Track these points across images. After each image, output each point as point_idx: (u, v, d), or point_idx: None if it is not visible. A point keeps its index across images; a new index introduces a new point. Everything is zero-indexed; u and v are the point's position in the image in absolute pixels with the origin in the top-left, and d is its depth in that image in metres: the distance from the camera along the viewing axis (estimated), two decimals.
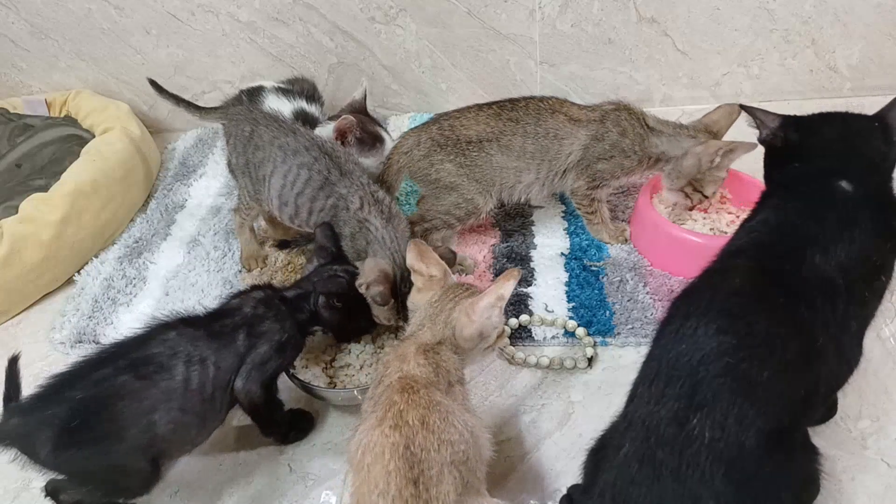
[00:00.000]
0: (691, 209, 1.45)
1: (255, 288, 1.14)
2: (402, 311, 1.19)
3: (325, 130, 1.49)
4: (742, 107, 1.09)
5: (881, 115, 0.97)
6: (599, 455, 0.88)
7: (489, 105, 1.44)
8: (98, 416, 0.93)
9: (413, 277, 1.03)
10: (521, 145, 1.39)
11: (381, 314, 1.20)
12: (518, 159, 1.39)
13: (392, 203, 1.30)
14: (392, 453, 0.77)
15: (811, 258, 0.84)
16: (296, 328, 1.10)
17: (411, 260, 1.03)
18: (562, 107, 1.41)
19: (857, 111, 1.82)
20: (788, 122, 1.02)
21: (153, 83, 1.63)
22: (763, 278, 0.84)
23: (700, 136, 1.37)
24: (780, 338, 0.79)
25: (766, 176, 1.06)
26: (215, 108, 1.64)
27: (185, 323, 1.05)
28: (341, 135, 1.47)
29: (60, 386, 0.95)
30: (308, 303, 1.14)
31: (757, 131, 1.06)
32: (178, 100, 1.62)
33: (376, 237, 1.24)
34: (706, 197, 1.39)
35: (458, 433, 0.81)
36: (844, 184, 0.91)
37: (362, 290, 1.16)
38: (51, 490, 1.01)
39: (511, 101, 1.43)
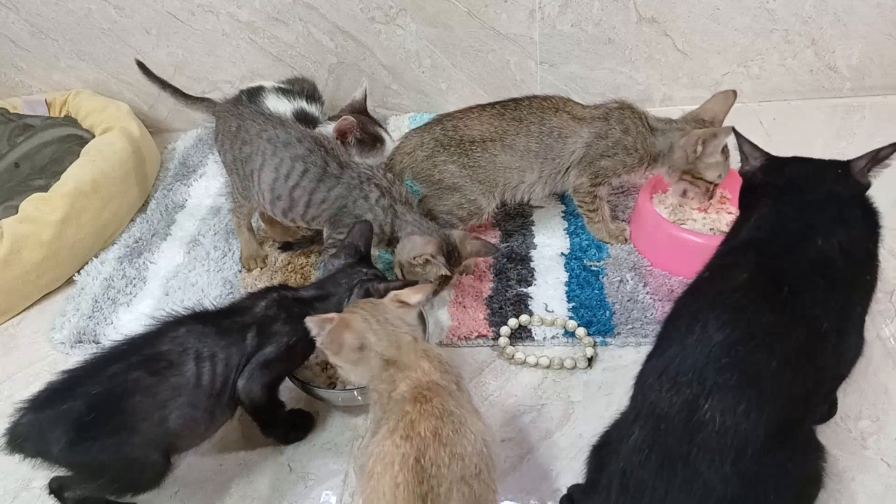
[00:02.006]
0: (711, 198, 1.43)
1: (270, 289, 1.13)
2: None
3: (326, 130, 1.49)
4: (735, 132, 1.12)
5: (847, 164, 1.00)
6: (603, 451, 0.89)
7: (492, 105, 1.44)
8: (112, 410, 0.93)
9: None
10: (526, 144, 1.39)
11: (414, 272, 1.30)
12: (522, 158, 1.40)
13: (401, 187, 1.36)
14: (402, 465, 0.76)
15: (813, 247, 0.87)
16: (307, 331, 1.10)
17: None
18: (565, 105, 1.42)
19: (856, 111, 1.84)
20: (769, 163, 1.06)
21: (140, 65, 1.61)
22: (768, 270, 0.86)
23: (688, 127, 1.38)
24: (787, 327, 0.80)
25: (740, 202, 1.09)
26: (201, 99, 1.62)
27: (195, 319, 1.05)
28: (341, 135, 1.47)
29: (73, 381, 0.96)
30: (327, 304, 1.12)
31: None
32: (164, 84, 1.60)
33: (406, 220, 1.30)
34: (710, 182, 1.38)
35: (471, 444, 0.79)
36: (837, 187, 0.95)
37: (418, 261, 1.25)
38: (55, 488, 1.01)
39: (514, 100, 1.44)
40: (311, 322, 0.93)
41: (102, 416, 0.93)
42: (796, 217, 0.93)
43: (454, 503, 0.76)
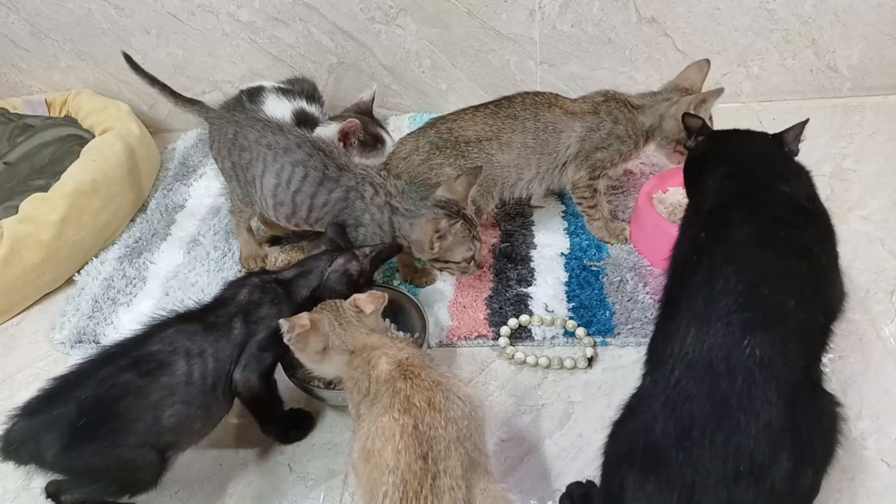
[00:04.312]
0: None
1: (250, 275, 1.14)
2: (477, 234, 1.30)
3: (327, 130, 1.49)
4: (689, 114, 1.25)
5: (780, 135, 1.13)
6: (627, 420, 0.89)
7: (485, 105, 1.45)
8: (105, 414, 0.94)
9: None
10: (522, 141, 1.40)
11: (456, 255, 1.28)
12: (519, 156, 1.40)
13: (396, 181, 1.35)
14: (402, 434, 0.80)
15: (784, 195, 0.98)
16: (293, 312, 1.09)
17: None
18: (556, 101, 1.44)
19: (856, 111, 1.86)
20: (714, 136, 1.18)
21: (128, 58, 1.56)
22: (762, 220, 0.93)
23: (673, 96, 1.41)
24: (794, 264, 0.88)
25: (687, 175, 1.20)
26: (192, 101, 1.60)
27: (181, 319, 1.05)
28: (345, 136, 1.47)
29: (64, 387, 0.96)
30: (310, 281, 1.13)
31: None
32: (153, 81, 1.58)
33: (402, 215, 1.28)
34: None
35: (460, 409, 0.85)
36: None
37: (436, 246, 1.24)
38: (52, 492, 1.01)
39: (506, 98, 1.45)
40: (283, 322, 0.96)
41: (94, 420, 0.93)
42: (759, 174, 1.05)
43: (453, 460, 0.80)
